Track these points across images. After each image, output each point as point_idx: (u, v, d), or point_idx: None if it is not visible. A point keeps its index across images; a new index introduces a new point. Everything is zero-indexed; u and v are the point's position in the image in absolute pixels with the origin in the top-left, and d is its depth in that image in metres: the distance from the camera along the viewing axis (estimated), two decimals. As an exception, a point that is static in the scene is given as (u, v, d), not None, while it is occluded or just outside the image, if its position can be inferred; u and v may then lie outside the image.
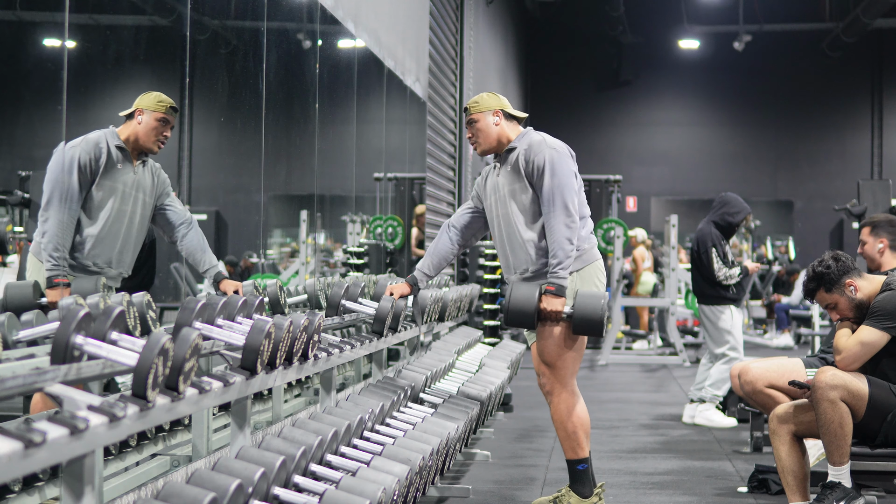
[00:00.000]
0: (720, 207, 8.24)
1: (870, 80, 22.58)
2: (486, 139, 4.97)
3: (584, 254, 4.90)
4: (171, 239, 4.74)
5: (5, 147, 4.76)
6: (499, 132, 4.96)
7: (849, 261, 4.82)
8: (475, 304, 8.42)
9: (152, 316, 3.59)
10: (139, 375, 2.52)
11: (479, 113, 4.97)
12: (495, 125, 4.96)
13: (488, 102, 4.98)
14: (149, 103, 4.50)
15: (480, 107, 4.98)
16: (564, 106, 23.19)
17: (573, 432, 4.93)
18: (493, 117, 4.96)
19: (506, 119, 4.98)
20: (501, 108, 4.97)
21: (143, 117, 4.48)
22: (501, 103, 5.00)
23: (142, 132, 4.48)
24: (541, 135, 4.95)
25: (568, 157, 4.87)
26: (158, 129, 4.51)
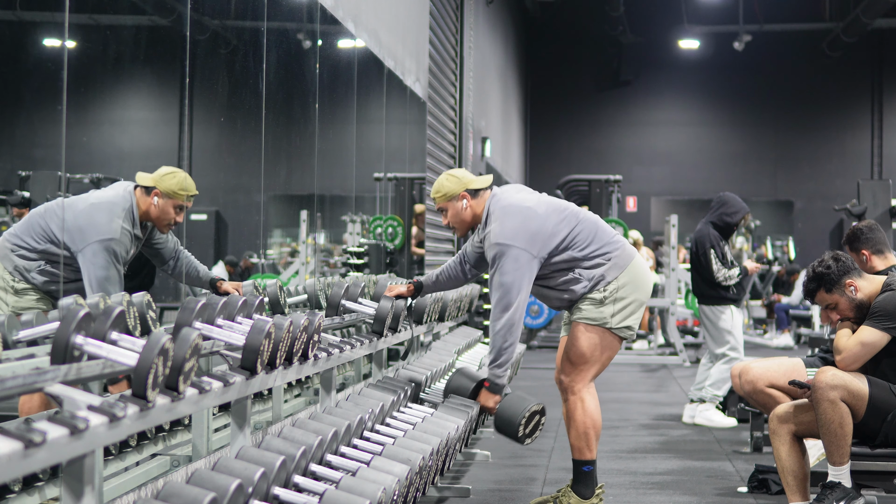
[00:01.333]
0: (718, 208, 8.24)
1: (870, 80, 22.58)
2: (461, 224, 4.97)
3: (616, 259, 4.88)
4: (161, 268, 4.77)
5: (5, 147, 4.76)
6: (471, 213, 4.93)
7: (849, 261, 4.82)
8: (475, 304, 8.42)
9: (152, 316, 3.59)
10: (139, 375, 2.52)
11: (447, 202, 4.94)
12: (465, 209, 4.92)
13: (451, 188, 4.92)
14: (169, 188, 4.44)
15: (446, 195, 4.92)
16: (564, 106, 23.19)
17: (584, 433, 4.93)
18: (461, 202, 4.92)
19: (472, 197, 4.93)
20: (465, 189, 4.92)
21: (160, 200, 4.45)
22: (464, 183, 4.93)
23: (155, 214, 4.46)
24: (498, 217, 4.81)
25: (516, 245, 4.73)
26: (172, 216, 4.50)
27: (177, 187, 4.45)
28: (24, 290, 4.25)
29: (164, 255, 4.71)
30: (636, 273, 4.90)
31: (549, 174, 21.07)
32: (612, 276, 4.84)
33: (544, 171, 22.42)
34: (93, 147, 4.90)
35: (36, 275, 4.25)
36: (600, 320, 4.86)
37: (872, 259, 5.59)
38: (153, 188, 4.43)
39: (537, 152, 23.33)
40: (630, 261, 4.90)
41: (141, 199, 4.45)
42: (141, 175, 4.47)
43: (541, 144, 23.36)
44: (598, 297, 4.85)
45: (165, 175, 4.45)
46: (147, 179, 4.45)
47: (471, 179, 4.95)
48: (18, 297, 4.24)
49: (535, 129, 23.26)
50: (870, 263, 5.59)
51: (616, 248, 4.87)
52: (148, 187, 4.44)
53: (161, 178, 4.45)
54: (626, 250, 4.91)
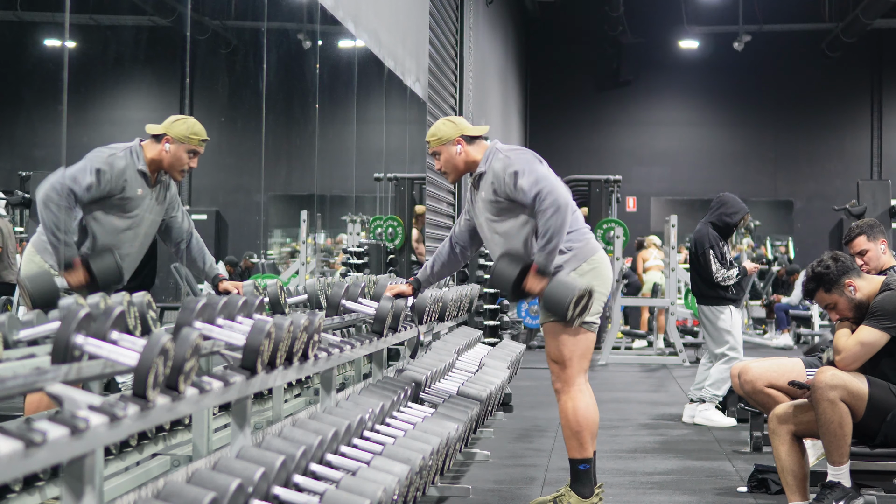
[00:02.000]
0: (717, 208, 8.24)
1: (869, 80, 22.58)
2: (454, 169, 5.00)
3: (578, 251, 4.90)
4: (172, 248, 4.76)
5: (5, 147, 4.76)
6: (464, 159, 4.97)
7: (848, 261, 4.82)
8: (475, 304, 8.43)
9: (153, 316, 3.59)
10: (140, 375, 2.52)
11: (441, 145, 4.97)
12: (459, 154, 4.96)
13: (447, 132, 4.97)
14: (179, 133, 4.43)
15: (441, 139, 4.97)
16: (564, 106, 23.19)
17: (578, 431, 4.93)
18: (455, 146, 4.96)
19: (468, 143, 4.97)
20: (461, 134, 4.96)
21: (171, 146, 4.43)
22: (460, 129, 4.98)
23: (167, 161, 4.44)
24: (504, 151, 4.93)
25: (535, 157, 4.89)
26: (185, 161, 4.48)
27: (187, 132, 4.45)
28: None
29: (175, 234, 4.69)
30: (599, 264, 4.93)
31: (549, 174, 21.03)
32: (572, 267, 4.87)
33: (544, 171, 22.40)
34: (93, 147, 4.89)
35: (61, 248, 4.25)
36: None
37: (888, 251, 5.62)
38: (163, 135, 4.43)
39: (537, 152, 23.25)
40: (594, 253, 4.93)
41: (150, 147, 4.43)
42: (150, 125, 4.47)
43: (541, 144, 23.35)
44: None
45: (175, 121, 4.46)
46: (156, 128, 4.45)
47: (467, 126, 5.02)
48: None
49: (535, 129, 23.26)
50: (885, 256, 5.61)
51: (583, 237, 4.92)
52: (157, 135, 4.43)
53: (171, 124, 4.45)
54: (591, 242, 4.96)
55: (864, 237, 5.64)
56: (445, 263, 5.23)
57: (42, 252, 4.27)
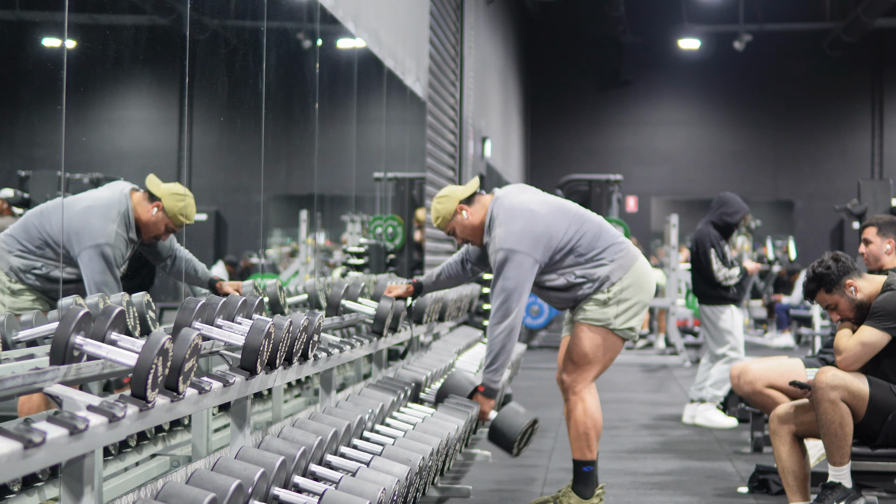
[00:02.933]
0: (718, 208, 8.24)
1: (870, 79, 22.58)
2: (473, 234, 4.97)
3: (620, 261, 4.88)
4: (160, 267, 4.75)
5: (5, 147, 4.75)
6: (474, 221, 4.93)
7: (849, 261, 4.82)
8: (475, 304, 8.42)
9: (152, 316, 3.59)
10: (139, 376, 2.52)
11: (450, 223, 4.96)
12: (468, 219, 4.93)
13: (446, 208, 4.94)
14: (173, 209, 4.38)
15: (445, 217, 4.95)
16: (564, 106, 23.18)
17: (585, 433, 4.93)
18: (461, 215, 4.94)
19: (469, 205, 4.94)
20: (458, 202, 4.93)
21: (158, 213, 4.41)
22: (455, 199, 4.94)
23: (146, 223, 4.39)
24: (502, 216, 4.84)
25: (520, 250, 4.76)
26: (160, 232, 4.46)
27: (179, 212, 4.43)
28: (21, 290, 4.24)
29: (161, 253, 4.68)
30: (640, 274, 4.90)
31: (549, 174, 21.06)
32: (617, 278, 4.85)
33: (544, 171, 22.41)
34: (92, 147, 4.88)
35: (31, 276, 4.24)
36: (604, 321, 4.87)
37: (893, 253, 5.61)
38: (158, 199, 4.41)
39: (537, 152, 23.33)
40: (634, 262, 4.90)
41: (140, 203, 4.41)
42: (152, 180, 4.43)
43: (541, 144, 23.36)
44: (601, 297, 4.85)
45: (175, 195, 4.42)
46: (156, 188, 4.42)
47: (460, 191, 4.98)
48: (15, 297, 4.23)
49: (535, 129, 23.26)
50: (889, 256, 5.60)
51: (620, 250, 4.88)
52: (153, 195, 4.42)
53: (171, 195, 4.41)
54: (629, 252, 4.91)
55: (875, 230, 5.65)
56: (452, 276, 5.23)
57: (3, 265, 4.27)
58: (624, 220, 15.48)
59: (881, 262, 5.64)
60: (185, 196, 4.45)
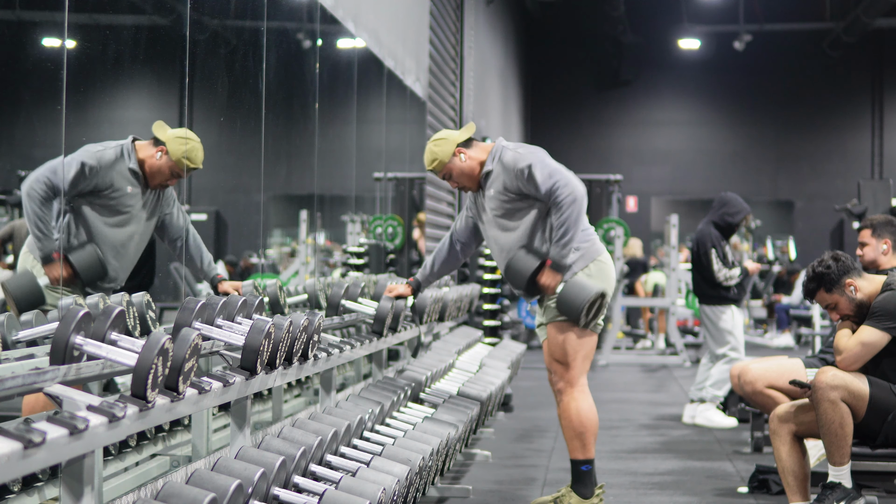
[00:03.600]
0: (719, 208, 8.24)
1: (870, 79, 22.57)
2: (470, 178, 4.97)
3: (585, 251, 4.90)
4: (169, 245, 4.72)
5: (5, 147, 4.75)
6: (472, 164, 4.95)
7: (849, 261, 4.81)
8: (475, 304, 8.42)
9: (152, 316, 3.59)
10: (139, 376, 2.52)
11: (446, 166, 4.96)
12: (465, 161, 4.94)
13: (443, 150, 4.95)
14: (176, 152, 4.36)
15: (441, 160, 4.95)
16: (564, 106, 23.18)
17: (581, 432, 4.93)
18: (458, 157, 4.94)
19: (466, 148, 4.96)
20: (456, 145, 4.94)
21: (162, 157, 4.39)
22: (452, 141, 4.96)
23: (151, 168, 4.37)
24: (511, 148, 4.92)
25: (545, 153, 4.92)
26: (166, 177, 4.44)
27: (183, 155, 4.39)
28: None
29: (171, 231, 4.64)
30: (603, 266, 4.93)
31: (550, 174, 21.02)
32: (580, 267, 4.87)
33: (544, 171, 22.39)
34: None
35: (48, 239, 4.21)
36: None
37: (890, 253, 5.62)
38: (162, 143, 4.39)
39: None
40: (599, 254, 4.93)
41: (144, 148, 4.39)
42: (159, 125, 4.40)
43: (541, 144, 23.11)
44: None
45: (179, 138, 4.38)
46: (162, 132, 4.39)
47: (456, 135, 4.99)
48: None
49: (535, 129, 23.26)
50: (885, 257, 5.61)
51: (588, 239, 4.92)
52: (158, 139, 4.39)
53: (175, 138, 4.37)
54: (596, 244, 4.95)
55: (870, 232, 5.67)
56: (445, 261, 5.21)
57: (33, 250, 4.25)
58: (624, 220, 15.46)
59: (878, 264, 5.65)
60: (189, 139, 4.41)
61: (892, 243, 5.64)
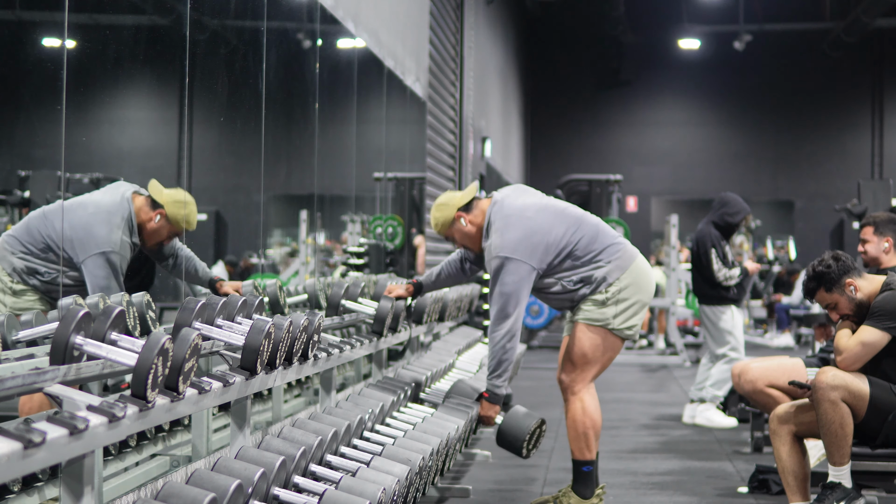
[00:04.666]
0: (719, 208, 8.24)
1: (870, 79, 22.58)
2: (472, 241, 4.99)
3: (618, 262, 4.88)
4: (161, 265, 4.75)
5: (5, 147, 4.75)
6: (472, 229, 4.95)
7: (849, 260, 4.81)
8: (475, 304, 8.42)
9: (152, 316, 3.58)
10: (139, 376, 2.51)
11: (449, 229, 4.98)
12: (466, 227, 4.95)
13: (445, 216, 4.96)
14: (176, 216, 4.37)
15: (444, 224, 4.97)
16: (564, 106, 23.18)
17: (584, 433, 4.93)
18: (459, 222, 4.95)
19: (467, 212, 4.96)
20: (457, 209, 4.94)
21: (161, 220, 4.40)
22: (453, 206, 4.95)
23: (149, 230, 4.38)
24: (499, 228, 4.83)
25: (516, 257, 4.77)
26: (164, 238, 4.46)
27: (183, 219, 4.42)
28: (22, 291, 4.24)
29: (164, 252, 4.68)
30: (638, 274, 4.90)
31: (549, 174, 21.06)
32: (614, 278, 4.85)
33: (544, 171, 22.41)
34: (92, 147, 4.88)
35: (34, 278, 4.24)
36: (602, 321, 4.87)
37: (891, 251, 5.62)
38: (161, 207, 4.41)
39: (537, 152, 23.33)
40: (632, 262, 4.90)
41: (142, 209, 4.41)
42: (154, 187, 4.42)
43: (541, 144, 23.35)
44: (600, 298, 4.86)
45: (178, 202, 4.40)
46: (159, 195, 4.41)
47: (458, 198, 4.98)
48: (17, 298, 4.23)
49: (535, 129, 23.26)
50: (887, 255, 5.61)
51: (617, 251, 4.88)
52: (156, 203, 4.41)
53: (173, 202, 4.40)
54: (627, 251, 4.91)
55: (872, 229, 5.68)
56: (451, 275, 5.24)
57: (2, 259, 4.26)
58: (624, 220, 15.47)
59: (879, 262, 5.65)
60: (187, 203, 4.44)
61: (894, 242, 5.65)
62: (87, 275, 4.20)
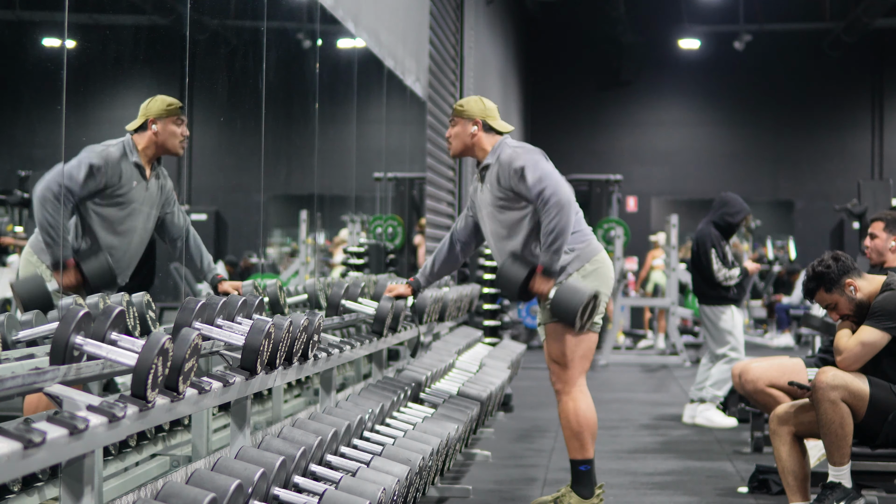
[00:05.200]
0: (719, 208, 8.24)
1: (870, 79, 22.57)
2: (460, 145, 5.03)
3: (581, 252, 4.90)
4: (169, 245, 4.74)
5: (5, 147, 4.75)
6: (473, 142, 4.98)
7: (849, 261, 4.82)
8: (475, 304, 8.42)
9: (152, 316, 3.58)
10: (139, 376, 2.51)
11: (460, 119, 5.00)
12: (471, 135, 4.98)
13: (472, 110, 4.99)
14: (159, 110, 4.44)
15: (464, 113, 5.00)
16: (564, 106, 23.18)
17: (579, 432, 4.94)
18: (472, 127, 4.98)
19: (485, 131, 4.98)
20: (484, 119, 4.97)
21: (158, 126, 4.45)
22: (486, 113, 4.99)
23: (162, 140, 4.45)
24: (512, 146, 4.95)
25: (542, 155, 4.92)
26: (178, 131, 4.50)
27: (164, 105, 4.46)
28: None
29: (172, 231, 4.67)
30: (599, 265, 4.93)
31: (550, 174, 21.02)
32: (575, 268, 4.87)
33: (544, 171, 22.38)
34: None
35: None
36: None
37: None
38: (145, 121, 4.45)
39: (537, 152, 23.30)
40: (595, 254, 4.93)
41: (140, 138, 4.45)
42: (130, 124, 4.49)
43: (541, 144, 23.07)
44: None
45: (149, 104, 4.48)
46: (136, 121, 4.47)
47: (493, 114, 5.02)
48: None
49: (535, 129, 23.25)
50: (894, 253, 5.60)
51: (584, 239, 4.92)
52: (141, 125, 4.45)
53: (146, 107, 4.47)
54: (592, 244, 4.95)
55: (882, 225, 5.67)
56: (445, 261, 5.22)
57: (39, 252, 4.26)
58: (624, 220, 15.47)
59: (884, 258, 5.65)
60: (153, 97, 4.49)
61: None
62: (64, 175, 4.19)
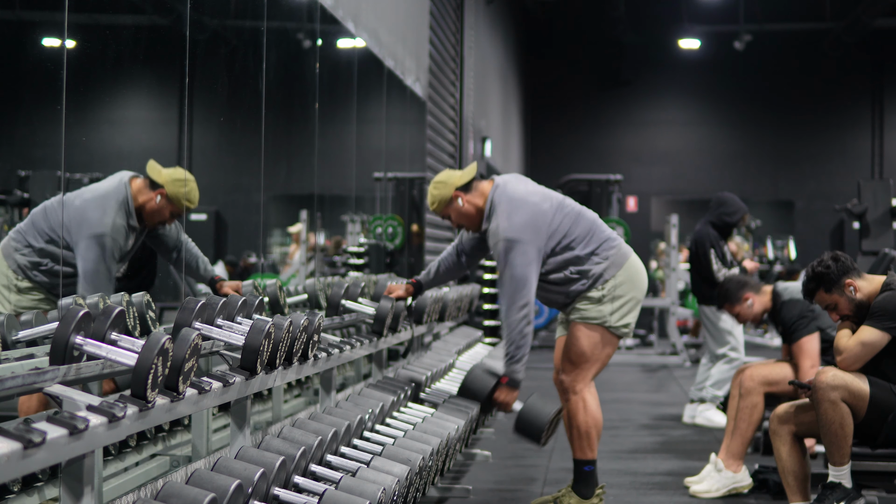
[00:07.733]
0: (717, 208, 8.24)
1: (870, 79, 22.57)
2: (469, 220, 4.96)
3: (613, 259, 4.88)
4: (166, 258, 4.74)
5: (5, 147, 4.75)
6: (470, 209, 4.93)
7: (848, 261, 4.81)
8: (475, 304, 8.43)
9: (152, 316, 3.59)
10: (139, 376, 2.51)
11: (446, 208, 4.95)
12: (463, 206, 4.92)
13: (442, 194, 4.93)
14: (176, 194, 4.38)
15: (441, 202, 4.93)
16: (565, 106, 23.18)
17: (585, 432, 4.94)
18: (456, 202, 4.93)
19: (465, 192, 4.93)
20: (455, 188, 4.91)
21: (161, 200, 4.41)
22: (451, 185, 4.92)
23: (150, 210, 4.39)
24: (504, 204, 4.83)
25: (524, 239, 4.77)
26: (165, 217, 4.46)
27: (183, 197, 4.43)
28: (27, 288, 4.25)
29: (168, 245, 4.67)
30: (632, 271, 4.92)
31: (549, 174, 21.04)
32: (610, 275, 4.86)
33: (544, 171, 22.41)
34: (92, 147, 4.88)
35: (38, 273, 4.24)
36: (600, 319, 4.87)
37: None
38: (160, 186, 4.41)
39: (537, 152, 23.33)
40: (626, 259, 4.91)
41: (141, 191, 4.41)
42: (153, 167, 4.43)
43: (541, 144, 23.35)
44: (596, 295, 4.86)
45: (177, 180, 4.42)
46: (158, 174, 4.42)
47: (456, 178, 4.96)
48: (21, 295, 4.23)
49: (535, 129, 23.26)
50: None
51: (612, 247, 4.89)
52: (155, 183, 4.42)
53: (172, 181, 4.41)
54: (622, 249, 4.93)
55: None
56: (449, 269, 5.22)
57: (7, 257, 4.26)
58: (624, 220, 15.47)
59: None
60: (187, 181, 4.45)
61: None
62: (78, 259, 4.20)
